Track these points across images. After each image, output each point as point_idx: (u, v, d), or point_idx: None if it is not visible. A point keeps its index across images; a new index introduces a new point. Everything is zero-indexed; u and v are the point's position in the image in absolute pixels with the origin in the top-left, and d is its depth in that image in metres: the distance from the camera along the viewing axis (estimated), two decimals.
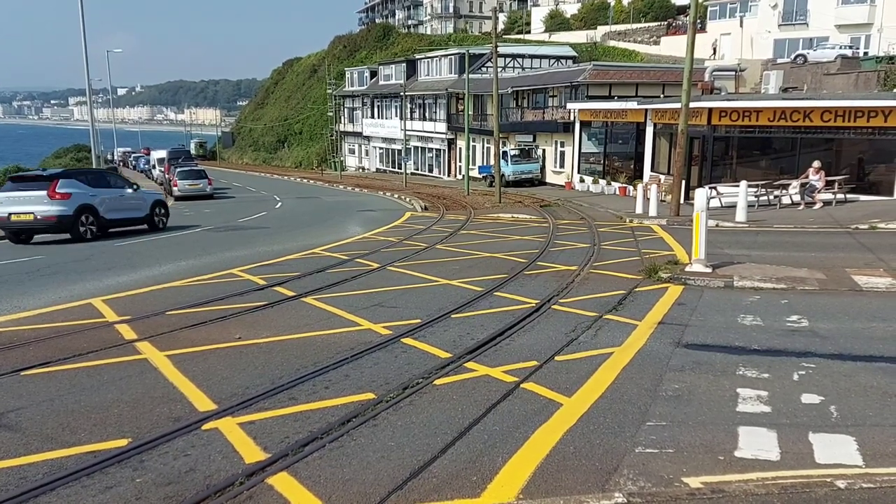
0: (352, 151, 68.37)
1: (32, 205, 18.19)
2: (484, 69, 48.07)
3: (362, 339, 8.33)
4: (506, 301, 10.32)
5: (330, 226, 22.89)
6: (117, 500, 4.65)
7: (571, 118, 35.84)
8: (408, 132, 51.35)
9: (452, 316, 9.43)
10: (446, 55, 52.96)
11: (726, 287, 11.11)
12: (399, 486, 4.75)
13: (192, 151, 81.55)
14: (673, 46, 56.30)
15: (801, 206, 21.55)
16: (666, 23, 66.57)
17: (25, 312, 10.23)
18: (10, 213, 18.18)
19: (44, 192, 18.33)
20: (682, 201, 21.89)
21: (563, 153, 37.93)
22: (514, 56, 50.80)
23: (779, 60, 41.92)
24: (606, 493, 4.61)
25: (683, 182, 22.83)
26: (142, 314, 9.81)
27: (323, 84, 72.07)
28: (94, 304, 10.69)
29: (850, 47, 39.76)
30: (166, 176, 42.35)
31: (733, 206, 20.14)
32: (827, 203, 21.51)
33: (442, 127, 51.43)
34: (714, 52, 42.70)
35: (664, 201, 23.46)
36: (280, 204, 33.22)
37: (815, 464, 5.01)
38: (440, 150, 52.90)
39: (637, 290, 10.94)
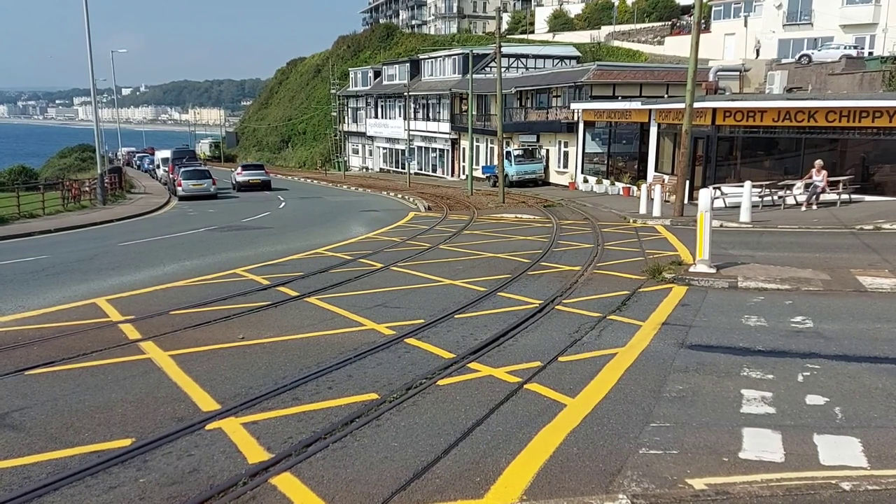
0: (355, 151, 68.36)
1: (259, 176, 42.61)
2: (487, 69, 48.02)
3: (366, 340, 8.33)
4: (509, 301, 10.32)
5: (333, 226, 22.90)
6: (121, 500, 4.66)
7: (575, 118, 35.79)
8: (411, 132, 51.32)
9: (456, 316, 9.43)
10: (450, 55, 52.92)
11: (730, 288, 11.08)
12: (402, 486, 4.75)
13: (206, 153, 79.76)
14: (677, 46, 56.19)
15: (804, 207, 21.50)
16: (670, 23, 66.44)
17: (30, 312, 10.26)
18: (249, 179, 42.12)
19: (263, 171, 44.27)
20: (685, 202, 21.86)
21: (566, 153, 37.87)
22: (517, 56, 50.73)
23: (783, 60, 41.77)
24: (610, 494, 4.60)
25: (687, 182, 22.78)
26: (145, 314, 9.83)
27: (327, 84, 72.08)
28: (98, 303, 10.71)
29: (855, 47, 39.56)
30: (170, 176, 42.40)
31: (737, 207, 20.09)
32: (831, 203, 21.45)
33: (445, 127, 51.39)
34: (757, 54, 42.25)
35: (668, 202, 23.41)
36: (284, 204, 33.25)
37: (820, 465, 5.00)
38: (444, 150, 52.87)
39: (641, 290, 10.93)
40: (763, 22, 48.37)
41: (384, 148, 62.24)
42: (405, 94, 51.03)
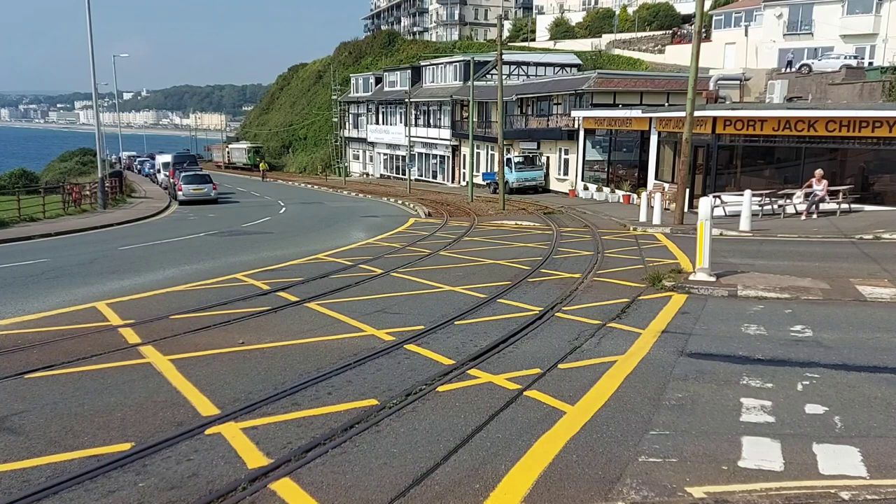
0: (356, 157, 68.43)
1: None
2: (489, 76, 48.12)
3: (365, 345, 8.34)
4: (509, 308, 10.32)
5: (334, 231, 22.92)
6: None
7: (576, 126, 35.87)
8: (412, 138, 51.43)
9: (456, 322, 9.43)
10: (451, 62, 53.05)
11: (730, 296, 11.09)
12: (401, 493, 4.75)
13: (246, 161, 73.64)
14: (677, 55, 56.34)
15: (804, 216, 21.53)
16: (671, 31, 66.65)
17: (29, 316, 10.26)
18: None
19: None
20: (685, 210, 21.88)
21: (566, 161, 37.94)
22: (518, 63, 50.85)
23: (783, 70, 41.90)
24: (609, 502, 4.60)
25: (687, 191, 22.81)
26: (146, 318, 9.83)
27: (328, 90, 72.21)
28: (98, 307, 10.72)
29: (855, 57, 39.72)
30: (171, 180, 42.45)
31: (737, 216, 20.12)
32: (831, 213, 21.48)
33: (446, 134, 51.48)
34: (789, 65, 42.39)
35: (668, 210, 23.44)
36: (284, 209, 33.28)
37: (819, 475, 5.00)
38: (444, 156, 52.93)
39: (641, 298, 10.93)
40: (763, 31, 48.57)
41: (385, 154, 62.33)
42: (406, 100, 51.13)
